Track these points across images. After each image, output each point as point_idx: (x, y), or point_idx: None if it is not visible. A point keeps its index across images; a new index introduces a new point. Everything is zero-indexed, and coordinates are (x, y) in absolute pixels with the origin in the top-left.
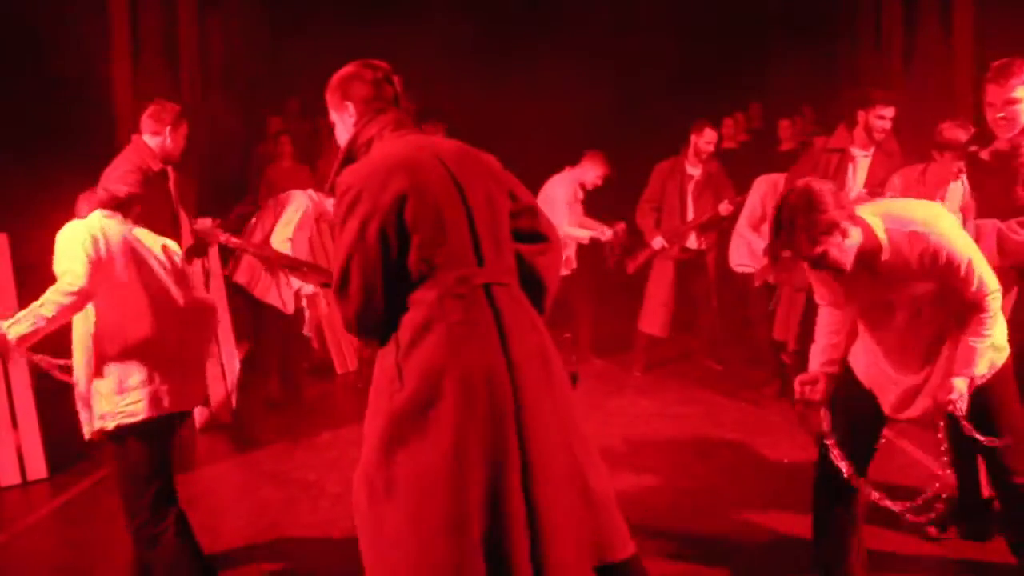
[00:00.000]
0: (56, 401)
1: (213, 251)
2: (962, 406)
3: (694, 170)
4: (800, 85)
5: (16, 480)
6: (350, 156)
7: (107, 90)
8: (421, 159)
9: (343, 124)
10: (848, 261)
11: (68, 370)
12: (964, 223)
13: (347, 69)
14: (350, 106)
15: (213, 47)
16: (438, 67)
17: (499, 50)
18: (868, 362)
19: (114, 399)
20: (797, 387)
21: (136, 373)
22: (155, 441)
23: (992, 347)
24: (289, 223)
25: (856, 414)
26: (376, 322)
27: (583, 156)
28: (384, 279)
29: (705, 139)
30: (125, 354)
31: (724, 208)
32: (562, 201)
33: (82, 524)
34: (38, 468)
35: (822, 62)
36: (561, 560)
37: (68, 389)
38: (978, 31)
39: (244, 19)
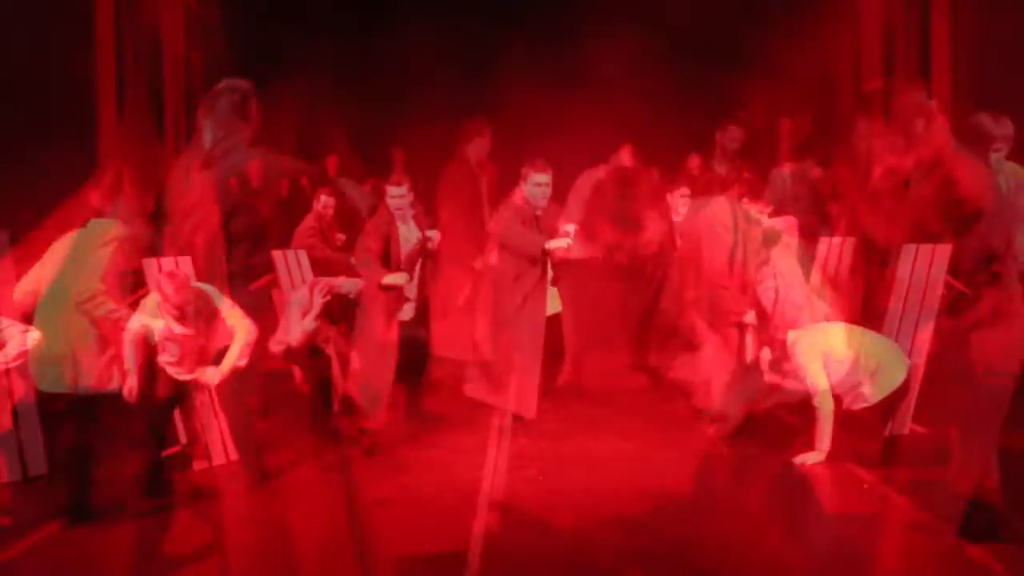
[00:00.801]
0: None
1: None
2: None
3: (720, 168)
4: (800, 85)
5: (17, 476)
6: (206, 165)
7: (106, 88)
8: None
9: (205, 136)
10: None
11: None
12: None
13: (214, 88)
14: (209, 122)
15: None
16: (438, 67)
17: (497, 51)
18: None
19: None
20: None
21: None
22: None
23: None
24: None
25: None
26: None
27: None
28: None
29: (730, 137)
30: None
31: None
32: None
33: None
34: (38, 465)
35: (822, 62)
36: None
37: None
38: (980, 31)
39: (236, 17)
